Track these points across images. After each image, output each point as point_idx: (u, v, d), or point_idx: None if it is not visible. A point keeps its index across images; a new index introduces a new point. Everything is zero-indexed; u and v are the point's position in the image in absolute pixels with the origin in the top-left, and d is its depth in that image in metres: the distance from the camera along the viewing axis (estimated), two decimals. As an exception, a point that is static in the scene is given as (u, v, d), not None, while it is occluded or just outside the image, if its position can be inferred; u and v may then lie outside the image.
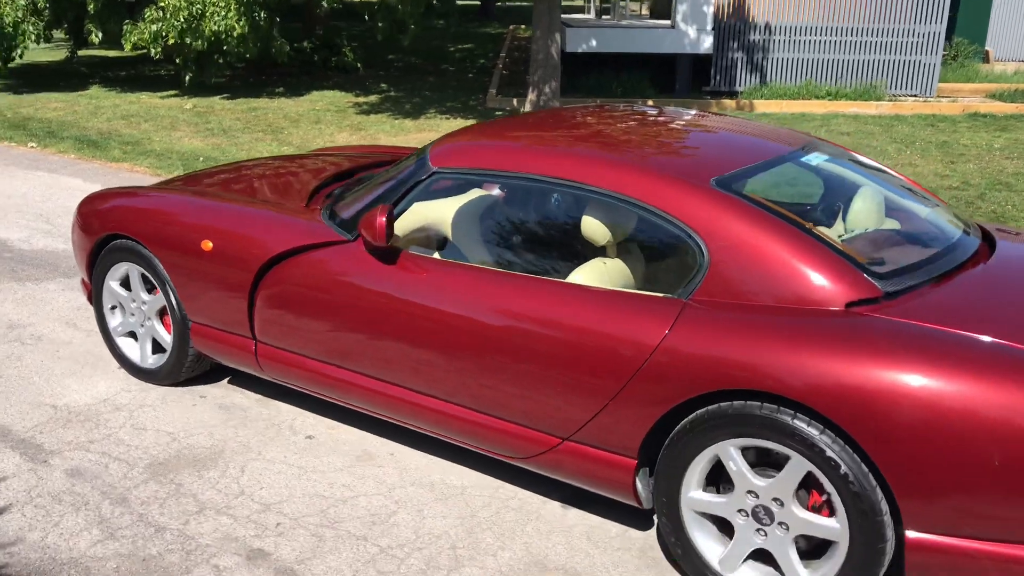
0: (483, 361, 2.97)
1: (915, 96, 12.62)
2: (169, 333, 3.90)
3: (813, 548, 2.63)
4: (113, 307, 4.08)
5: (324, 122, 10.43)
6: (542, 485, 3.30)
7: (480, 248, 3.30)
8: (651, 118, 3.55)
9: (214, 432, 3.64)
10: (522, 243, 3.30)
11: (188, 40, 10.91)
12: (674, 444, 2.67)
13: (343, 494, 3.24)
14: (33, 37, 11.88)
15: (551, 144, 3.16)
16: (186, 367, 3.90)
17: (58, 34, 15.20)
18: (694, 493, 2.70)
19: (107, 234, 3.93)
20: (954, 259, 2.87)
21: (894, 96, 12.53)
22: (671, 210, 2.79)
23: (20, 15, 11.64)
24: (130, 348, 4.07)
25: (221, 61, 11.76)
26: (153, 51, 11.33)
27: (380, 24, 12.13)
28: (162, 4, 10.85)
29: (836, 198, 3.26)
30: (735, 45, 12.59)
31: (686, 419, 2.64)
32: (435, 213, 3.63)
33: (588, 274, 2.99)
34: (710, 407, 2.59)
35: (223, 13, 10.83)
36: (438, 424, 3.18)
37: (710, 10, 12.26)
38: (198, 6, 10.71)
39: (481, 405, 3.04)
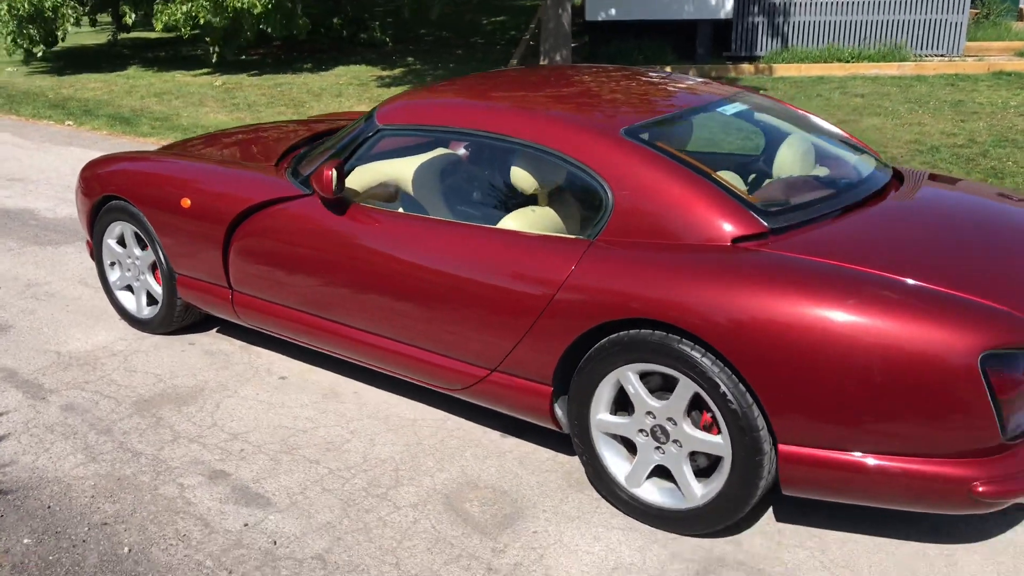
0: (420, 301, 3.25)
1: (942, 56, 12.47)
2: (160, 285, 4.26)
3: (707, 467, 2.86)
4: (112, 263, 4.45)
5: (345, 95, 10.76)
6: (486, 418, 3.58)
7: (428, 200, 3.58)
8: (589, 76, 3.77)
9: (197, 374, 4.00)
10: (461, 193, 3.57)
11: (213, 18, 11.31)
12: (582, 371, 2.92)
13: (304, 426, 3.57)
14: (72, 20, 12.39)
15: (485, 101, 3.41)
16: (176, 316, 4.25)
17: (104, 18, 15.79)
18: (602, 415, 2.95)
19: (104, 195, 4.29)
20: (846, 199, 3.05)
21: (920, 56, 12.41)
22: (582, 158, 3.02)
23: (61, 0, 12.15)
24: (128, 300, 4.44)
25: (248, 36, 12.12)
26: (184, 31, 11.77)
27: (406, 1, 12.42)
28: (190, -16, 11.27)
29: (748, 143, 3.46)
30: (755, 9, 12.57)
31: (592, 348, 2.89)
32: (396, 170, 3.92)
33: (517, 220, 3.24)
34: (611, 336, 2.84)
35: (248, -8, 11.21)
36: (387, 361, 3.47)
37: (730, -25, 12.26)
38: (222, -14, 11.10)
39: (421, 342, 3.33)
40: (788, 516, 2.96)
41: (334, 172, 3.35)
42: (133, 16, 12.34)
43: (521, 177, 3.29)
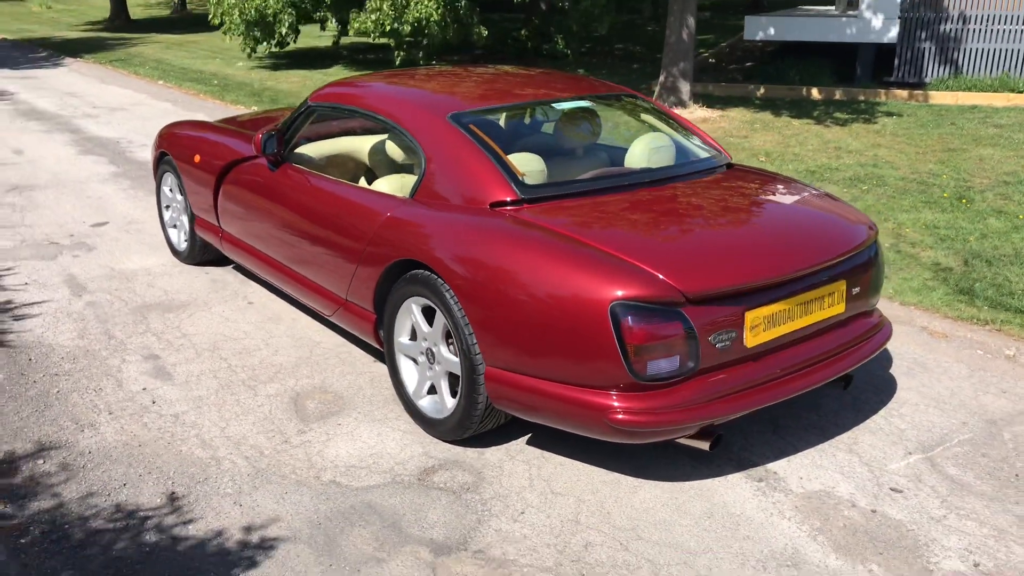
0: (309, 240, 4.11)
1: None
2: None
3: (467, 387, 3.49)
4: (167, 206, 5.68)
5: (491, 99, 11.77)
6: (370, 348, 4.37)
7: (376, 167, 4.41)
8: (485, 73, 4.45)
9: (193, 293, 5.10)
10: (349, 158, 4.41)
11: (396, 26, 12.74)
12: (388, 302, 3.65)
13: (237, 335, 4.53)
14: (287, 24, 14.33)
15: (378, 87, 4.21)
16: (197, 250, 5.39)
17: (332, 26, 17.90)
18: (402, 339, 3.66)
19: (160, 151, 5.52)
20: (617, 182, 3.56)
21: (1113, 91, 11.47)
22: (415, 134, 3.75)
23: (280, 6, 14.14)
24: (174, 236, 5.66)
25: (429, 44, 13.48)
26: (372, 37, 13.32)
27: (570, 11, 13.26)
28: (375, -5, 12.77)
29: (561, 132, 4.04)
30: (923, 35, 12.18)
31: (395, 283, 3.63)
32: (355, 144, 4.82)
33: (387, 183, 4.02)
34: (405, 274, 3.55)
35: (425, 2, 12.52)
36: (299, 290, 4.35)
37: (897, -1, 12.00)
38: (404, -3, 12.49)
39: (311, 273, 4.18)
40: (538, 442, 3.52)
41: (262, 136, 4.30)
42: (333, 23, 14.10)
43: (393, 148, 4.07)
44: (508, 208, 3.39)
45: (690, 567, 2.81)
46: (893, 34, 12.14)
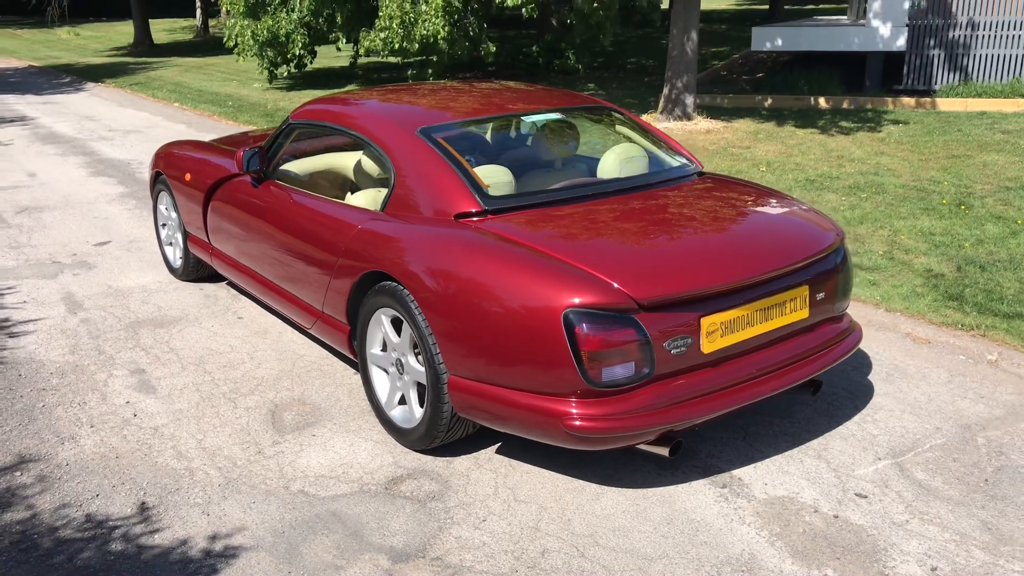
0: (288, 254, 4.18)
1: None
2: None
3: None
4: (163, 224, 5.80)
5: (498, 114, 11.85)
6: (351, 360, 4.42)
7: (361, 181, 4.48)
8: (462, 88, 4.51)
9: (186, 309, 5.19)
10: (335, 174, 4.47)
11: (405, 45, 12.88)
12: (360, 313, 3.71)
13: (223, 349, 4.61)
14: (300, 45, 14.54)
15: (352, 104, 4.28)
16: (191, 267, 5.49)
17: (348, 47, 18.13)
18: (374, 350, 3.71)
19: (156, 170, 5.64)
20: (583, 191, 3.60)
21: (1125, 95, 11.33)
22: (385, 148, 3.82)
23: (292, 27, 14.36)
24: (169, 253, 5.76)
25: (437, 61, 13.61)
26: (382, 55, 13.47)
27: (574, 25, 13.34)
28: (382, 14, 12.91)
29: (531, 144, 4.07)
30: (931, 42, 12.12)
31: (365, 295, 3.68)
32: (341, 161, 4.90)
33: (362, 197, 4.09)
34: (375, 286, 3.61)
35: (433, 20, 12.66)
36: (277, 302, 4.42)
37: (905, 6, 11.95)
38: (411, 15, 12.62)
39: (291, 287, 4.25)
40: (507, 451, 3.55)
41: (244, 153, 4.38)
42: (344, 42, 14.28)
43: (369, 163, 4.13)
44: (472, 219, 3.44)
45: (645, 573, 2.82)
46: (901, 42, 12.08)
